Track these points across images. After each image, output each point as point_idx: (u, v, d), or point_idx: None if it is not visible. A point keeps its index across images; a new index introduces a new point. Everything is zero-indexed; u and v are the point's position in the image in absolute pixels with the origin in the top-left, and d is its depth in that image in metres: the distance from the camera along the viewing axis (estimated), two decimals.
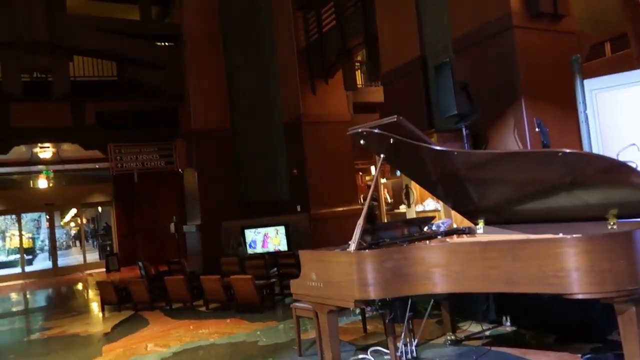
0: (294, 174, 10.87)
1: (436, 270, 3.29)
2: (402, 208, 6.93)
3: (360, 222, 3.61)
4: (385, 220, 6.93)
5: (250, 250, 9.70)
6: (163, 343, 5.70)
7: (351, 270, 3.42)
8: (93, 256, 20.12)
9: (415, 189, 6.49)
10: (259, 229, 10.52)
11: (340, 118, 10.92)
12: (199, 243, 10.92)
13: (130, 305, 8.12)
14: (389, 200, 7.78)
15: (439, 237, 4.25)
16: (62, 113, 11.76)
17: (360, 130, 3.63)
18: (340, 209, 10.54)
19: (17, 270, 16.40)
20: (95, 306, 8.95)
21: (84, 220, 23.36)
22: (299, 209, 10.70)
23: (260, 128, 11.54)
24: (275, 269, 8.09)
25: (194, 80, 11.05)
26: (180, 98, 11.46)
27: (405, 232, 4.37)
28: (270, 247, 10.33)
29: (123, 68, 11.76)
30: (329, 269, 3.57)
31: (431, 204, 6.41)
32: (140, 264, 9.42)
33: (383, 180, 7.35)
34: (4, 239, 25.25)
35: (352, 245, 3.52)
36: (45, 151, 12.66)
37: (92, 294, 11.06)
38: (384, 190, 7.17)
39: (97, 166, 16.15)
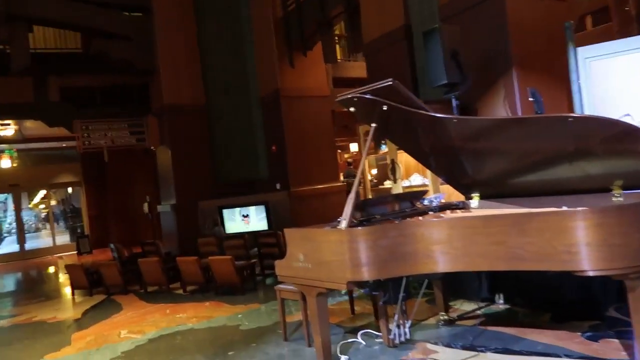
0: (273, 151, 10.50)
1: (437, 247, 3.03)
2: (387, 184, 6.69)
3: (351, 197, 3.32)
4: (370, 197, 6.68)
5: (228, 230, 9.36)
6: (137, 329, 5.37)
7: (343, 249, 3.14)
8: (63, 239, 19.40)
9: (402, 163, 6.24)
10: (237, 209, 10.17)
11: (320, 92, 10.56)
12: (174, 223, 10.50)
13: (102, 289, 7.72)
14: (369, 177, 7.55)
15: (431, 212, 4.00)
16: (24, 88, 11.02)
17: (350, 95, 3.31)
18: (321, 186, 10.27)
19: None
20: (65, 291, 8.51)
21: (53, 202, 22.48)
22: (278, 187, 10.38)
23: (237, 104, 11.07)
24: (256, 248, 7.79)
25: (165, 53, 10.48)
26: (150, 72, 10.88)
27: (396, 207, 4.11)
28: (250, 227, 10.02)
29: (88, 40, 11.07)
30: (319, 249, 3.28)
31: (417, 179, 6.19)
32: (112, 246, 8.98)
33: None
34: None
35: (343, 223, 3.23)
36: (7, 129, 11.93)
37: (62, 278, 10.58)
38: (367, 166, 6.90)
39: (63, 144, 15.43)
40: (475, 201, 4.11)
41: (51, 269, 12.58)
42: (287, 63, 10.13)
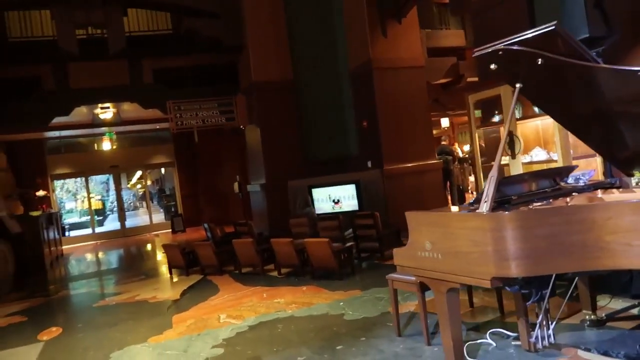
0: (364, 127, 9.96)
1: (614, 238, 2.35)
2: (503, 159, 5.91)
3: (493, 175, 2.71)
4: (481, 176, 5.96)
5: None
6: (236, 314, 5.15)
7: (486, 238, 2.55)
8: (159, 217, 20.39)
9: (522, 136, 5.45)
10: (327, 188, 9.82)
11: (415, 63, 9.81)
12: (264, 203, 10.38)
13: (197, 269, 7.71)
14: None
15: (576, 193, 3.26)
16: (120, 72, 11.36)
17: (494, 48, 2.67)
18: (416, 163, 9.59)
19: (88, 231, 16.78)
20: (162, 269, 8.67)
21: (149, 182, 23.70)
22: (369, 165, 9.85)
23: (325, 78, 10.61)
24: (351, 230, 7.36)
25: (253, 28, 10.24)
26: (239, 50, 10.72)
27: (534, 187, 3.42)
28: (340, 208, 9.64)
29: (178, 20, 11.11)
30: (452, 237, 2.72)
31: (541, 153, 5.37)
32: (205, 225, 9.00)
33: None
34: (75, 201, 26.32)
35: (485, 205, 2.64)
36: (106, 112, 12.44)
37: (160, 256, 10.90)
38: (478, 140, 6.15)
39: (157, 126, 15.96)
40: (637, 178, 3.32)
41: (149, 247, 13.09)
42: (379, 32, 9.46)
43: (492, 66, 2.78)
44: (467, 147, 17.77)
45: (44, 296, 7.58)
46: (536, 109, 5.23)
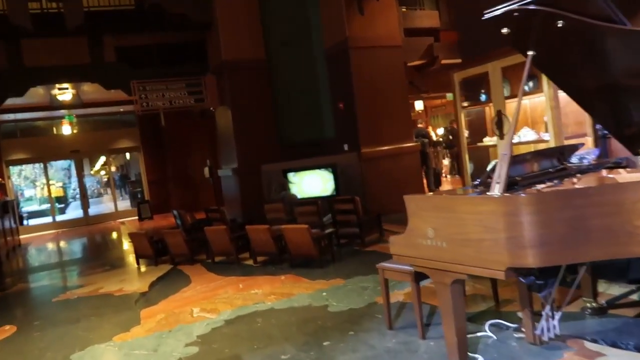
0: (340, 109, 9.61)
1: None
2: (488, 141, 5.69)
3: (505, 154, 2.42)
4: (467, 157, 5.72)
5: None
6: (211, 307, 4.78)
7: (499, 223, 2.27)
8: (124, 204, 19.60)
9: (509, 115, 5.22)
10: (303, 172, 9.46)
11: (392, 42, 9.50)
12: (236, 188, 9.95)
13: (167, 258, 7.28)
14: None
15: (580, 174, 3.03)
16: (79, 49, 10.61)
17: (508, 9, 2.35)
18: (394, 146, 9.34)
19: (49, 219, 15.93)
20: (129, 260, 8.17)
21: (113, 168, 22.76)
22: (346, 148, 9.54)
23: (300, 57, 10.18)
24: (330, 215, 7.05)
25: (222, 4, 9.68)
26: (207, 26, 10.16)
27: (536, 167, 3.17)
28: (315, 192, 9.31)
29: None
30: (460, 223, 2.42)
31: (529, 134, 5.16)
32: (175, 212, 8.52)
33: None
34: (35, 188, 25.09)
35: (497, 187, 2.35)
36: (65, 93, 11.65)
37: (126, 244, 10.35)
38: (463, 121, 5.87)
39: (121, 109, 15.18)
40: None
41: (114, 235, 12.48)
42: (356, 9, 9.07)
43: (504, 30, 2.47)
44: (440, 131, 17.72)
45: None
46: (525, 87, 5.02)
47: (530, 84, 4.93)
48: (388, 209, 8.10)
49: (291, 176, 9.52)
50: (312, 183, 9.37)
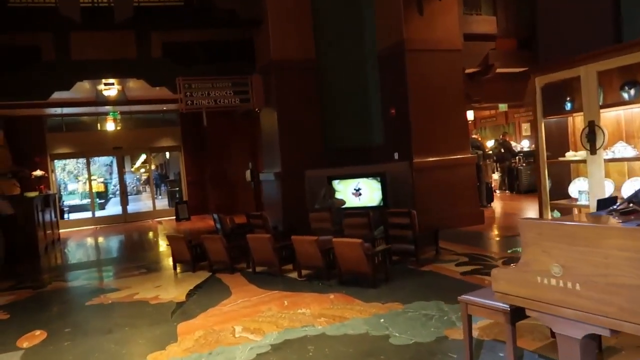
0: (391, 115, 9.05)
1: None
2: (569, 155, 5.00)
3: None
4: (547, 174, 5.04)
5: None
6: (255, 327, 4.29)
7: None
8: (162, 203, 19.58)
9: (606, 127, 4.54)
10: (349, 180, 8.92)
11: (452, 45, 8.89)
12: (278, 194, 9.50)
13: (205, 264, 6.87)
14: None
15: None
16: (126, 44, 10.43)
17: None
18: (449, 157, 8.70)
19: (88, 214, 15.95)
20: (166, 263, 7.82)
21: (153, 166, 22.84)
22: (396, 156, 8.96)
23: (350, 59, 9.71)
24: (381, 228, 6.48)
25: (272, 1, 9.28)
26: (256, 24, 9.79)
27: None
28: (360, 202, 8.75)
29: None
30: (604, 261, 1.83)
31: (627, 149, 4.46)
32: (215, 216, 8.15)
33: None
34: (77, 182, 25.53)
35: None
36: (111, 89, 11.53)
37: (163, 246, 10.06)
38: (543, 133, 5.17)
39: (164, 107, 15.06)
40: None
41: (151, 235, 12.25)
42: (415, 9, 8.51)
43: None
44: (490, 143, 16.87)
45: (34, 288, 6.74)
46: (625, 95, 4.34)
47: (632, 91, 4.26)
48: (441, 224, 7.49)
49: (336, 184, 9.01)
50: (359, 193, 8.82)
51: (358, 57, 9.71)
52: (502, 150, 14.14)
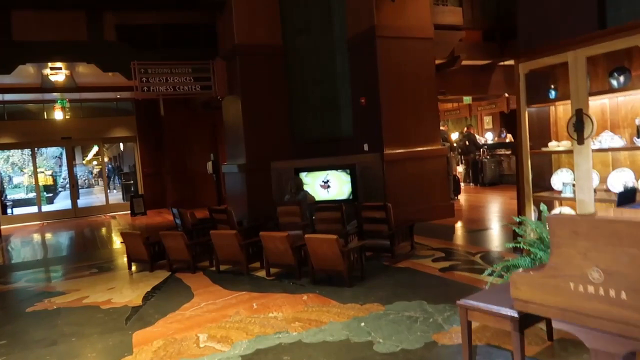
0: (362, 104, 8.71)
1: None
2: (553, 146, 4.80)
3: None
4: (530, 164, 4.81)
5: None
6: (221, 334, 3.85)
7: None
8: (116, 196, 18.62)
9: (596, 115, 4.34)
10: (317, 172, 8.55)
11: (424, 33, 8.63)
12: (242, 186, 9.02)
13: (164, 262, 6.34)
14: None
15: None
16: (76, 26, 9.62)
17: None
18: (421, 148, 8.45)
19: (34, 209, 14.87)
20: (119, 262, 7.21)
21: (106, 158, 21.71)
22: (366, 148, 8.64)
23: (319, 46, 9.29)
24: (354, 223, 6.14)
25: None
26: (219, 6, 9.23)
27: None
28: (329, 195, 8.41)
29: None
30: None
31: (614, 139, 4.28)
32: (175, 210, 7.59)
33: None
34: (23, 175, 23.98)
35: None
36: (58, 74, 10.64)
37: (117, 243, 9.38)
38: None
39: (118, 96, 14.22)
40: None
41: (104, 231, 11.48)
42: None
43: None
44: (454, 136, 16.88)
45: None
46: (614, 82, 4.14)
47: (622, 78, 4.07)
48: (413, 218, 7.22)
49: (303, 176, 8.61)
50: (327, 185, 8.46)
51: (327, 44, 9.31)
52: (467, 143, 14.11)
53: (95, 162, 30.23)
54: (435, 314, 3.92)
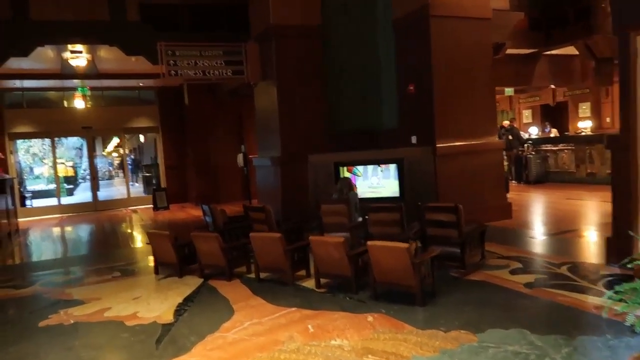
0: (409, 92, 7.83)
1: None
2: None
3: None
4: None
5: None
6: None
7: None
8: (137, 189, 18.04)
9: None
10: (358, 167, 7.74)
11: (481, 13, 7.70)
12: (276, 181, 8.23)
13: (194, 266, 5.58)
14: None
15: None
16: (97, 4, 8.94)
17: None
18: (476, 142, 7.57)
19: (54, 201, 14.31)
20: (144, 264, 6.49)
21: (127, 149, 21.16)
22: (414, 140, 7.77)
23: (359, 27, 8.41)
24: (417, 225, 5.29)
25: None
26: None
27: None
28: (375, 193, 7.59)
29: None
30: None
31: None
32: (205, 207, 6.84)
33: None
34: (43, 166, 23.61)
35: None
36: (78, 58, 9.97)
37: (140, 240, 8.69)
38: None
39: (140, 84, 13.54)
40: None
41: (126, 227, 10.81)
42: None
43: None
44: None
45: None
46: None
47: None
48: (467, 220, 6.34)
49: (344, 171, 7.80)
50: (371, 181, 7.64)
51: (369, 26, 8.42)
52: (510, 138, 13.11)
53: (115, 154, 29.83)
54: (549, 349, 3.07)
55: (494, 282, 4.59)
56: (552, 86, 14.71)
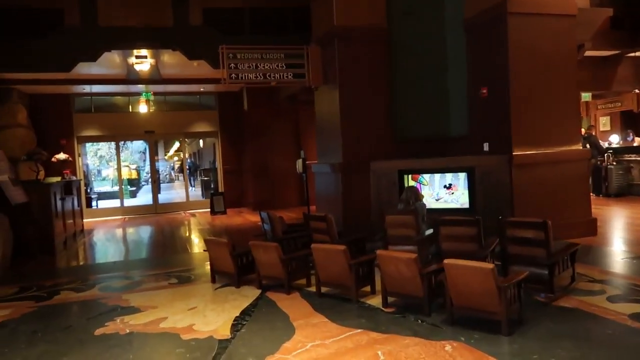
0: (482, 96, 7.28)
1: None
2: None
3: None
4: None
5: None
6: None
7: None
8: (196, 194, 18.30)
9: None
10: (429, 175, 7.26)
11: (564, 9, 7.04)
12: (336, 189, 7.87)
13: (252, 276, 5.32)
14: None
15: None
16: (162, 9, 9.01)
17: None
18: (557, 150, 6.90)
19: (117, 203, 14.70)
20: (201, 270, 6.31)
21: (187, 154, 21.62)
22: (486, 148, 7.21)
23: (427, 28, 7.96)
24: (495, 241, 4.76)
25: None
26: None
27: None
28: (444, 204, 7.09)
29: None
30: None
31: None
32: (263, 214, 6.60)
33: None
34: (109, 168, 24.59)
35: None
36: (143, 62, 10.12)
37: (198, 245, 8.60)
38: None
39: (201, 89, 13.68)
40: None
41: (184, 231, 10.82)
42: None
43: None
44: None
45: (37, 299, 5.34)
46: None
47: None
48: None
49: (408, 179, 7.35)
50: (448, 190, 7.14)
51: (437, 27, 7.95)
52: (588, 146, 12.10)
53: (176, 158, 30.69)
54: None
55: (588, 311, 3.99)
56: (637, 91, 13.50)
